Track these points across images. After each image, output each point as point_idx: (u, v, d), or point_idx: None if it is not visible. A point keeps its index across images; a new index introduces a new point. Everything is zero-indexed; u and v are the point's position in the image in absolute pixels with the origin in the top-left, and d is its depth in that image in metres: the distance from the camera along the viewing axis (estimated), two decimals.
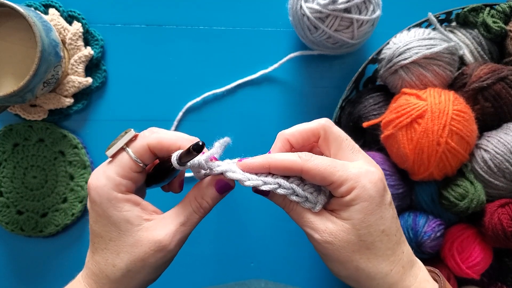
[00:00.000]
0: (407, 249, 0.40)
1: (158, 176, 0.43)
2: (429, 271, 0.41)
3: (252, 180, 0.39)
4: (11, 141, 0.68)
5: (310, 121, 0.41)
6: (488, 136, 0.58)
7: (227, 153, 0.40)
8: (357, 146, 0.41)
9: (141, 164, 0.39)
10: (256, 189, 0.40)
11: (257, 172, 0.39)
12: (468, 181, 0.58)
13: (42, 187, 0.68)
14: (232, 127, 0.71)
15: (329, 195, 0.40)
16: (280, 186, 0.39)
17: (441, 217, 0.61)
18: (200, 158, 0.38)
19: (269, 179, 0.39)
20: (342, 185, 0.37)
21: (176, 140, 0.39)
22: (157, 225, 0.39)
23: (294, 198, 0.39)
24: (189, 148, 0.37)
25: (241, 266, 0.71)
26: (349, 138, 0.41)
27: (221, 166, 0.39)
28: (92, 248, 0.40)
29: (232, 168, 0.39)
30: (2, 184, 0.68)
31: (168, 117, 0.71)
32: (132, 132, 0.39)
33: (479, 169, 0.58)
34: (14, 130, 0.68)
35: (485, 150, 0.57)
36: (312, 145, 0.42)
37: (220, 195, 0.40)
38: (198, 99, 0.70)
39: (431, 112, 0.55)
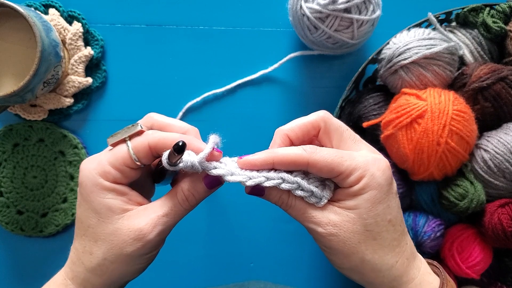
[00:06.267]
0: (409, 240, 0.39)
1: (161, 173, 0.41)
2: (429, 263, 0.41)
3: (254, 179, 0.37)
4: (11, 141, 0.68)
5: None
6: (488, 136, 0.58)
7: (225, 155, 0.39)
8: (357, 136, 0.40)
9: (137, 162, 0.38)
10: (251, 191, 0.38)
11: (260, 169, 0.37)
12: (468, 181, 0.58)
13: (42, 187, 0.68)
14: (232, 127, 0.71)
15: (334, 188, 0.39)
16: (284, 180, 0.37)
17: (441, 217, 0.61)
18: (194, 159, 0.36)
19: (272, 174, 0.37)
20: (351, 174, 0.36)
21: (179, 138, 0.37)
22: (139, 214, 0.38)
23: (299, 192, 0.37)
24: (170, 150, 0.35)
25: (240, 266, 0.71)
26: (349, 128, 0.40)
27: (218, 168, 0.37)
28: (75, 234, 0.39)
29: (231, 170, 0.37)
30: (2, 184, 0.68)
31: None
32: (138, 127, 0.38)
33: (479, 169, 0.58)
34: (14, 130, 0.68)
35: (485, 150, 0.57)
36: (311, 139, 0.41)
37: (209, 190, 0.39)
38: (198, 99, 0.70)
39: (431, 112, 0.55)
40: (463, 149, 0.56)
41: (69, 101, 0.68)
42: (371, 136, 0.64)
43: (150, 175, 0.44)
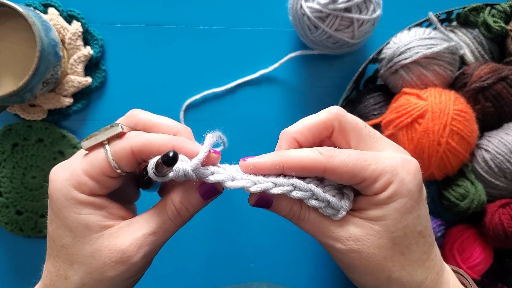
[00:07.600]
0: (438, 251, 0.35)
1: (147, 179, 0.34)
2: (454, 271, 0.37)
3: (260, 184, 0.32)
4: (10, 141, 0.68)
5: None
6: (489, 136, 0.58)
7: (224, 156, 0.36)
8: (378, 132, 0.35)
9: (118, 170, 0.32)
10: (256, 201, 0.34)
11: (267, 173, 0.32)
12: (469, 181, 0.57)
13: (41, 187, 0.68)
14: (231, 127, 0.71)
15: (353, 197, 0.34)
16: (295, 187, 0.32)
17: (442, 217, 0.61)
18: (186, 167, 0.31)
19: (281, 180, 0.32)
20: (377, 180, 0.31)
21: (168, 141, 0.32)
22: (122, 232, 0.33)
23: (313, 202, 0.32)
24: (158, 160, 0.30)
25: (240, 267, 0.71)
26: (367, 125, 0.35)
27: (216, 174, 0.32)
28: (47, 252, 0.35)
29: (232, 175, 0.32)
30: (1, 184, 0.68)
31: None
32: (118, 128, 0.32)
33: (479, 169, 0.57)
34: (14, 130, 0.68)
35: (486, 150, 0.57)
36: (322, 140, 0.36)
37: (204, 201, 0.34)
38: (198, 96, 0.70)
39: (431, 112, 0.54)
40: (463, 149, 0.55)
41: (68, 101, 0.68)
42: None
43: (133, 179, 0.39)
